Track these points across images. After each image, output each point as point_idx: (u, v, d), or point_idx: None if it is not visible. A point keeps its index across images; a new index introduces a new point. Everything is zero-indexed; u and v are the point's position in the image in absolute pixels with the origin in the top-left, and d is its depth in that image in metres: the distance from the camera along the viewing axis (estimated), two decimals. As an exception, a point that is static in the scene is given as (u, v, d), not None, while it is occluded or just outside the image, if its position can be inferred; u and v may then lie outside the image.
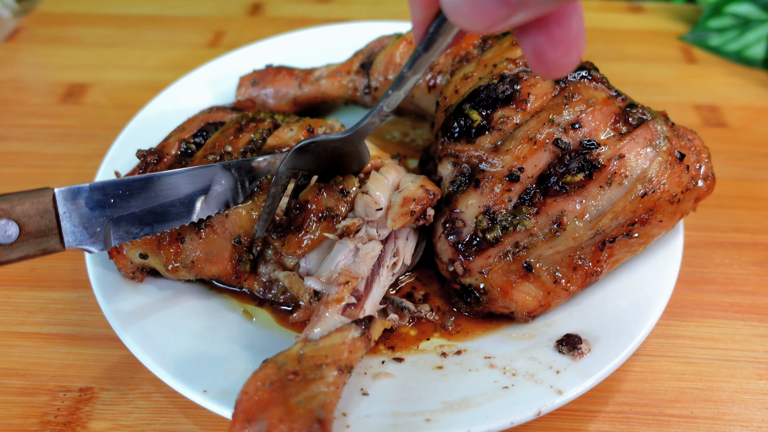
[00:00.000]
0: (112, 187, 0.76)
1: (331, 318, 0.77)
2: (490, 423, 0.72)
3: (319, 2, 1.84)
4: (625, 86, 0.91)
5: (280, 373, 0.69)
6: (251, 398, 0.67)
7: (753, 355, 0.92)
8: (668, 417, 0.84)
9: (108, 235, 0.76)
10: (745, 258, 1.07)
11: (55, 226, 0.71)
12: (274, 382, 0.68)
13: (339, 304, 0.78)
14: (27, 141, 1.32)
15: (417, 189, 0.88)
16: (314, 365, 0.70)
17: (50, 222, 0.71)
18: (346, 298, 0.79)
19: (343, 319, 0.78)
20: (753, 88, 1.48)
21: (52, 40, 1.65)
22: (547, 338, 0.84)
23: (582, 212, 0.82)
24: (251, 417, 0.65)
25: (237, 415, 0.66)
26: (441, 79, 1.03)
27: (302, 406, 0.65)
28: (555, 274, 0.84)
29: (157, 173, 0.80)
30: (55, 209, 0.71)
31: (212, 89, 1.28)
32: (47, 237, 0.70)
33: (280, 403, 0.65)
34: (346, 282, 0.80)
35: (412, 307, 0.91)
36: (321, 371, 0.70)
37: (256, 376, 0.69)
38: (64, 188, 0.73)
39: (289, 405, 0.65)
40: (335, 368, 0.70)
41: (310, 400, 0.66)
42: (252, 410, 0.65)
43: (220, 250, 0.87)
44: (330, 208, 0.86)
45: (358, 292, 0.82)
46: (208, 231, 0.86)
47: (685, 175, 0.85)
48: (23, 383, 0.88)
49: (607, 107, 0.86)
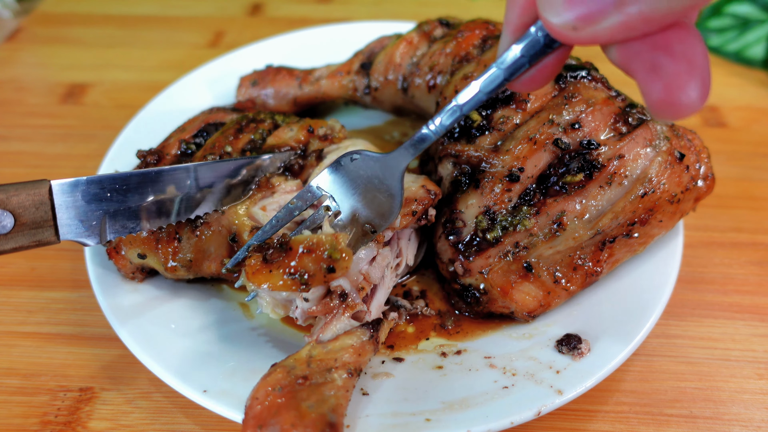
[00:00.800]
0: (109, 181, 0.76)
1: (341, 322, 0.77)
2: (490, 423, 0.72)
3: (319, 2, 1.84)
4: (625, 86, 0.91)
5: (289, 377, 0.69)
6: (262, 403, 0.66)
7: (753, 354, 0.92)
8: (668, 417, 0.84)
9: (104, 228, 0.76)
10: (744, 258, 1.07)
11: (50, 218, 0.71)
12: (285, 386, 0.68)
13: (353, 310, 0.78)
14: (27, 141, 1.32)
15: (418, 189, 0.88)
16: (324, 369, 0.70)
17: (45, 214, 0.71)
18: (360, 305, 0.78)
19: (352, 321, 0.77)
20: (753, 88, 1.48)
21: (52, 41, 1.65)
22: (547, 338, 0.85)
23: (582, 212, 0.82)
24: (263, 423, 0.64)
25: (248, 420, 0.65)
26: (441, 80, 1.03)
27: (314, 411, 0.64)
28: (555, 274, 0.84)
29: (155, 168, 0.80)
30: (51, 201, 0.72)
31: (212, 89, 1.28)
32: (42, 229, 0.71)
33: (292, 407, 0.65)
34: (361, 288, 0.79)
35: (408, 304, 0.91)
36: (331, 375, 0.69)
37: (265, 381, 0.69)
38: (61, 180, 0.73)
39: (301, 409, 0.65)
40: (345, 371, 0.70)
41: (322, 404, 0.65)
42: (263, 416, 0.65)
43: (217, 248, 0.87)
44: (305, 272, 0.73)
45: (366, 295, 0.82)
46: (204, 228, 0.86)
47: (684, 175, 0.85)
48: (23, 383, 0.88)
49: (607, 107, 0.86)
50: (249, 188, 0.87)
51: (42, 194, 0.71)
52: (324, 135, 0.96)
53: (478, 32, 1.04)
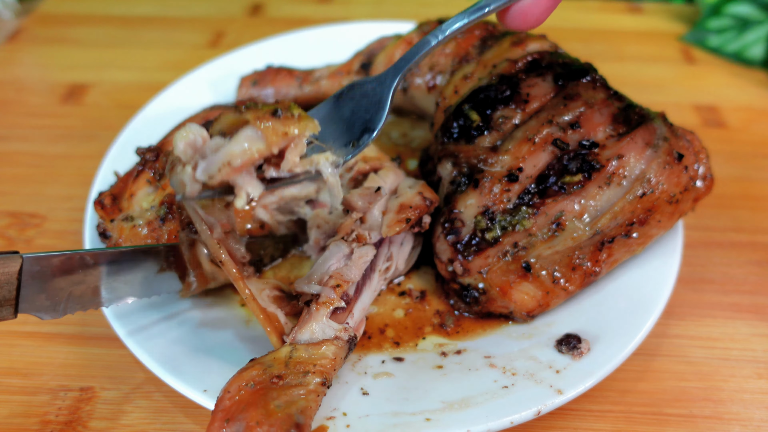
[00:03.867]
0: (79, 260, 0.72)
1: (319, 321, 0.76)
2: (490, 422, 0.72)
3: (319, 2, 1.84)
4: (625, 86, 0.91)
5: (265, 374, 0.69)
6: (232, 397, 0.67)
7: (753, 354, 0.92)
8: (668, 416, 0.84)
9: (67, 306, 0.72)
10: (744, 258, 1.07)
11: (13, 297, 0.66)
12: (258, 383, 0.68)
13: (328, 307, 0.77)
14: (27, 141, 1.32)
15: (414, 196, 0.87)
16: (300, 371, 0.70)
17: (9, 293, 0.66)
18: (336, 301, 0.78)
19: (332, 323, 0.77)
20: (752, 89, 1.48)
21: (52, 41, 1.66)
22: (546, 338, 0.85)
23: (581, 212, 0.82)
24: (230, 417, 0.65)
25: (216, 413, 0.66)
26: (441, 80, 1.04)
27: (281, 410, 0.64)
28: (554, 274, 0.85)
29: (123, 248, 0.78)
30: (19, 279, 0.66)
31: (212, 89, 1.28)
32: (2, 308, 0.66)
33: (260, 405, 0.65)
34: (337, 285, 0.79)
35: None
36: (305, 378, 0.70)
37: (240, 376, 0.69)
38: (31, 256, 0.68)
39: (269, 408, 0.65)
40: (320, 377, 0.70)
41: (290, 405, 0.65)
42: (232, 410, 0.65)
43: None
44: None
45: (347, 296, 0.81)
46: (201, 248, 0.86)
47: (683, 176, 0.85)
48: (24, 383, 0.88)
49: (606, 108, 0.86)
50: None
51: (10, 273, 0.65)
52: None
53: (478, 32, 1.04)
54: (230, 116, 0.63)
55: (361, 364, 0.84)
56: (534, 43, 0.97)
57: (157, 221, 0.87)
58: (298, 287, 0.81)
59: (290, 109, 0.65)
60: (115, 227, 0.89)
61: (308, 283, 0.81)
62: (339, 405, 0.76)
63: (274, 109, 0.64)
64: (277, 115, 0.63)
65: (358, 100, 0.77)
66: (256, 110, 0.64)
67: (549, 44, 0.98)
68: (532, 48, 0.96)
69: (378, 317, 0.91)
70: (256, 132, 0.62)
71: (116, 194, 0.94)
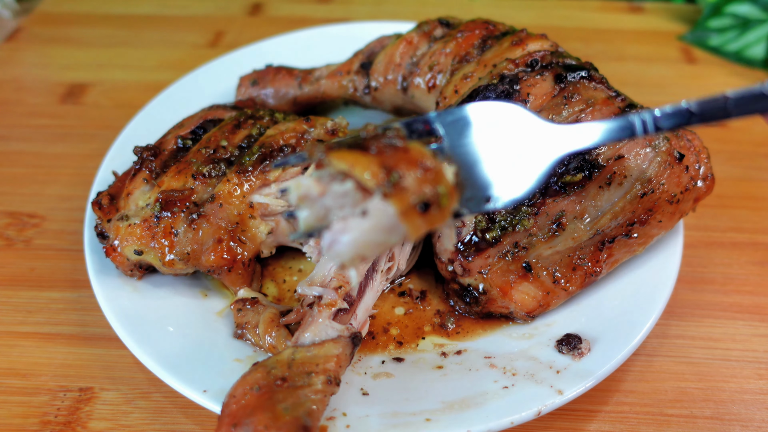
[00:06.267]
0: None
1: (323, 323, 0.76)
2: (490, 423, 0.72)
3: (319, 2, 1.84)
4: (625, 86, 0.91)
5: (269, 377, 0.69)
6: (239, 402, 0.66)
7: (753, 355, 0.92)
8: (668, 417, 0.84)
9: None
10: (744, 258, 1.07)
11: None
12: (263, 386, 0.68)
13: (331, 309, 0.77)
14: (27, 141, 1.32)
15: None
16: (304, 372, 0.70)
17: None
18: (339, 303, 0.78)
19: (335, 324, 0.77)
20: (753, 88, 1.47)
21: (52, 40, 1.65)
22: (547, 338, 0.85)
23: (581, 212, 0.82)
24: (237, 421, 0.64)
25: (223, 418, 0.66)
26: (441, 79, 1.03)
27: (289, 413, 0.64)
28: (554, 274, 0.84)
29: None
30: None
31: (212, 89, 1.28)
32: None
33: (267, 409, 0.65)
34: (339, 287, 0.79)
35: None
36: (310, 379, 0.69)
37: (245, 380, 0.69)
38: None
39: (276, 411, 0.65)
40: (325, 377, 0.70)
41: (297, 408, 0.65)
42: (238, 414, 0.65)
43: (215, 240, 0.87)
44: (401, 177, 0.56)
45: (350, 297, 0.81)
46: (202, 221, 0.86)
47: (684, 176, 0.85)
48: (23, 383, 0.88)
49: (607, 107, 0.86)
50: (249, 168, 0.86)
51: None
52: (332, 130, 0.96)
53: (478, 32, 1.04)
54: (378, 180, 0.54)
55: (361, 364, 0.84)
56: (534, 43, 0.97)
57: (153, 218, 0.86)
58: (300, 290, 0.81)
59: (440, 201, 0.56)
60: (111, 227, 0.89)
61: (310, 285, 0.81)
62: (339, 405, 0.76)
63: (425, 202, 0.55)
64: (427, 212, 0.56)
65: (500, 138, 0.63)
66: (405, 202, 0.54)
67: (549, 44, 0.97)
68: (532, 47, 0.96)
69: (380, 317, 0.91)
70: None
71: (114, 194, 0.94)
